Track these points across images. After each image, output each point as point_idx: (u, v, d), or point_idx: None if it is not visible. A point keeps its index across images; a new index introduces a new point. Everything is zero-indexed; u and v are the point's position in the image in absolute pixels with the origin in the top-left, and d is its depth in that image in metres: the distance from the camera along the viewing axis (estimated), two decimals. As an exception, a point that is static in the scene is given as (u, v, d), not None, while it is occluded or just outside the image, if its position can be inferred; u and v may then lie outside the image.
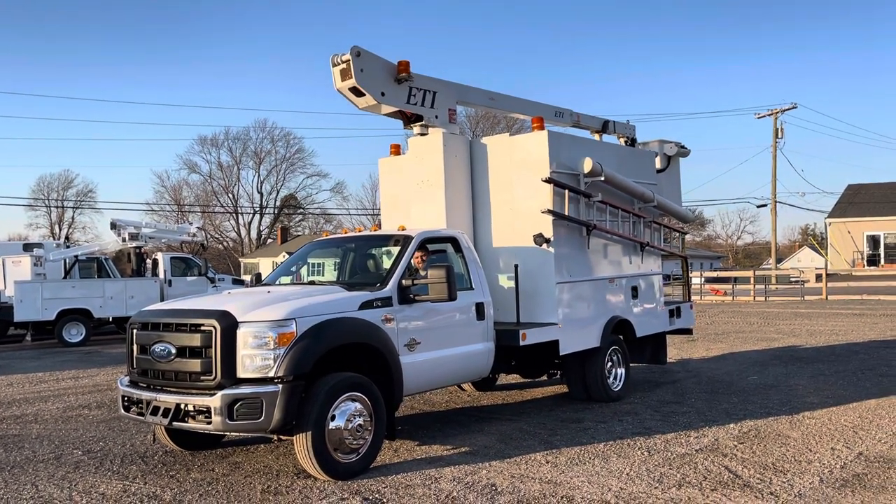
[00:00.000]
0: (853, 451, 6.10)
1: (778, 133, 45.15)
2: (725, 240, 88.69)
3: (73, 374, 12.47)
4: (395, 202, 8.64)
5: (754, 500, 4.91)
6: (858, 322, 18.07)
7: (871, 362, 11.12)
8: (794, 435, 6.66)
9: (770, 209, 46.06)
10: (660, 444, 6.44)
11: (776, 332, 16.25)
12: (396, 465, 5.98)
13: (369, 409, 5.80)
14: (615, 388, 8.51)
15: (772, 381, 9.62)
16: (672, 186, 10.60)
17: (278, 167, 72.15)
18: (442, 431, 7.15)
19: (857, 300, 27.07)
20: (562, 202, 7.85)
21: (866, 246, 45.69)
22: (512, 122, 49.64)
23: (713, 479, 5.38)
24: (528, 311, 7.70)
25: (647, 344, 9.55)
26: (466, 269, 7.15)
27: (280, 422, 5.29)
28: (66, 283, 19.32)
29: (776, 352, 12.72)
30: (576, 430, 7.02)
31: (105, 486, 5.62)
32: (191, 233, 22.58)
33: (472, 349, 6.97)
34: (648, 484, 5.31)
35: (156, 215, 63.29)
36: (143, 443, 7.00)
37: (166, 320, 5.82)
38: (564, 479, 5.47)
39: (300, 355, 5.41)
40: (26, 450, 6.89)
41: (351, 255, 7.54)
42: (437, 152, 7.96)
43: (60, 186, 70.99)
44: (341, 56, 7.53)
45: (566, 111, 9.90)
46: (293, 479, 5.62)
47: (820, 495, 4.99)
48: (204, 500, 5.22)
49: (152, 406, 5.65)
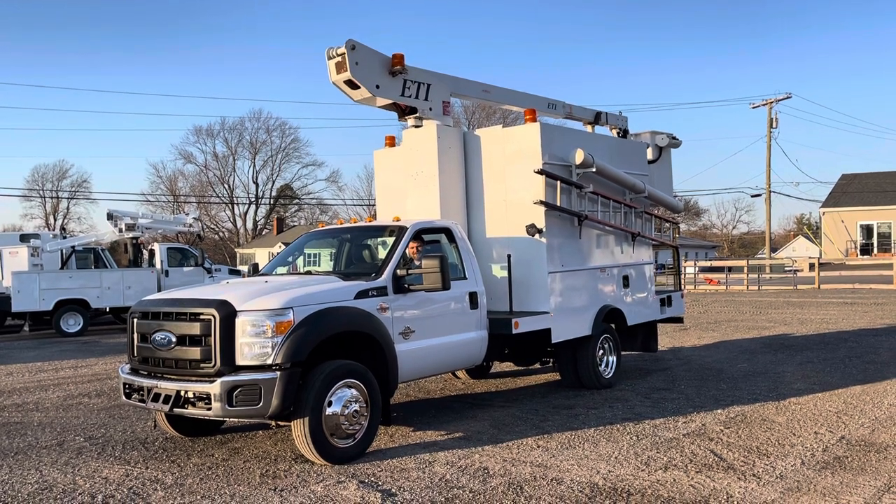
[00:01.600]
0: (836, 434, 6.28)
1: (772, 123, 45.37)
2: (721, 229, 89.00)
3: (71, 364, 12.60)
4: (390, 193, 8.76)
5: (737, 482, 5.08)
6: (849, 311, 18.29)
7: (858, 350, 11.32)
8: (780, 420, 6.84)
9: (765, 199, 46.31)
10: (648, 429, 6.61)
11: (768, 320, 16.45)
12: (392, 449, 6.14)
13: (365, 396, 5.95)
14: (606, 375, 8.68)
15: (761, 368, 9.81)
16: (664, 177, 10.75)
17: (274, 157, 72.14)
18: (436, 417, 7.31)
19: (850, 289, 27.32)
20: (554, 193, 7.99)
21: (860, 235, 45.99)
22: (507, 113, 49.74)
23: (698, 462, 5.55)
24: (521, 300, 7.85)
25: (639, 332, 9.71)
26: (460, 259, 7.29)
27: (278, 408, 5.44)
28: (64, 273, 19.41)
29: (767, 340, 12.91)
30: (567, 416, 7.19)
31: (108, 471, 5.77)
32: (187, 223, 22.66)
33: (466, 337, 7.13)
34: (636, 467, 5.47)
35: (151, 206, 63.34)
36: (144, 429, 7.14)
37: (166, 309, 5.95)
38: (555, 462, 5.63)
39: (297, 343, 5.56)
40: (29, 437, 7.04)
41: (347, 246, 7.67)
42: (432, 144, 8.08)
43: (55, 176, 70.92)
44: (336, 49, 7.64)
45: (559, 103, 10.02)
46: (291, 464, 5.78)
47: (801, 476, 5.16)
48: (204, 483, 5.38)
49: (153, 393, 5.79)
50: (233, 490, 5.20)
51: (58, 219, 68.74)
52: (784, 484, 5.02)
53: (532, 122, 8.09)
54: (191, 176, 71.63)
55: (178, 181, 71.19)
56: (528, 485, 5.12)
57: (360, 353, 6.17)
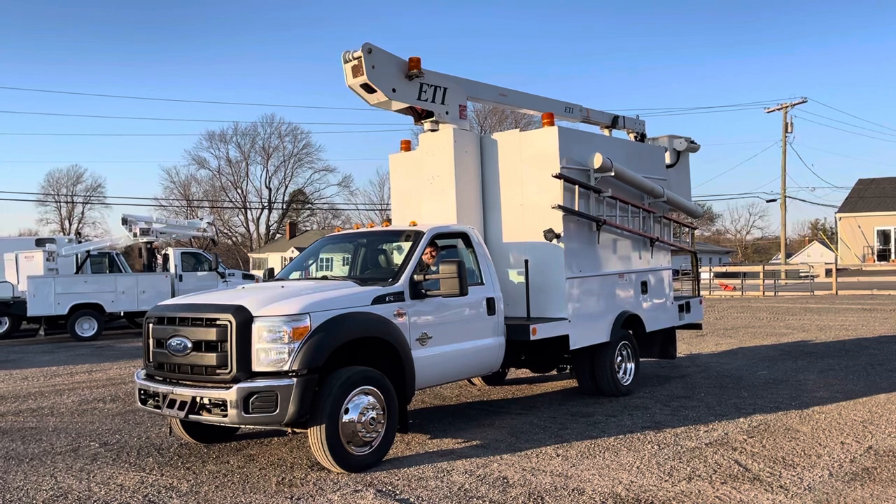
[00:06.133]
0: (863, 445, 6.13)
1: (788, 127, 44.92)
2: (735, 235, 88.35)
3: (86, 368, 12.61)
4: (405, 197, 8.70)
5: (764, 494, 4.95)
6: (868, 317, 18.03)
7: (880, 357, 11.12)
8: (804, 429, 6.69)
9: (780, 204, 45.86)
10: (670, 437, 6.49)
11: (785, 327, 16.24)
12: (409, 457, 6.05)
13: (382, 403, 5.87)
14: (625, 382, 8.55)
15: (781, 376, 9.64)
16: (682, 182, 10.62)
17: (286, 162, 72.45)
18: (453, 425, 7.22)
19: (867, 295, 26.98)
20: (572, 198, 7.89)
21: (877, 241, 45.45)
22: (520, 117, 49.65)
23: (723, 473, 5.43)
24: (539, 306, 7.75)
25: (657, 339, 9.59)
26: (477, 264, 7.20)
27: (294, 415, 5.37)
28: (79, 278, 19.49)
29: (785, 347, 12.72)
30: (586, 424, 7.07)
31: (123, 478, 5.71)
32: (201, 228, 22.71)
33: (483, 344, 7.03)
34: (659, 477, 5.36)
35: (165, 211, 63.67)
36: (159, 435, 7.09)
37: (182, 315, 5.90)
38: (575, 472, 5.53)
39: (314, 349, 5.49)
40: (44, 442, 7.00)
41: (363, 251, 7.60)
42: (448, 148, 8.01)
43: (70, 182, 71.47)
44: (353, 53, 7.59)
45: (576, 107, 9.93)
46: (307, 472, 5.70)
47: (829, 489, 5.03)
48: (220, 491, 5.31)
49: (168, 399, 5.73)
50: (248, 498, 5.13)
51: (73, 223, 69.28)
52: (813, 496, 4.88)
53: (550, 126, 8.00)
54: (204, 181, 72.08)
55: (192, 186, 71.63)
56: (549, 495, 5.02)
57: (376, 360, 6.09)
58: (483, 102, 9.74)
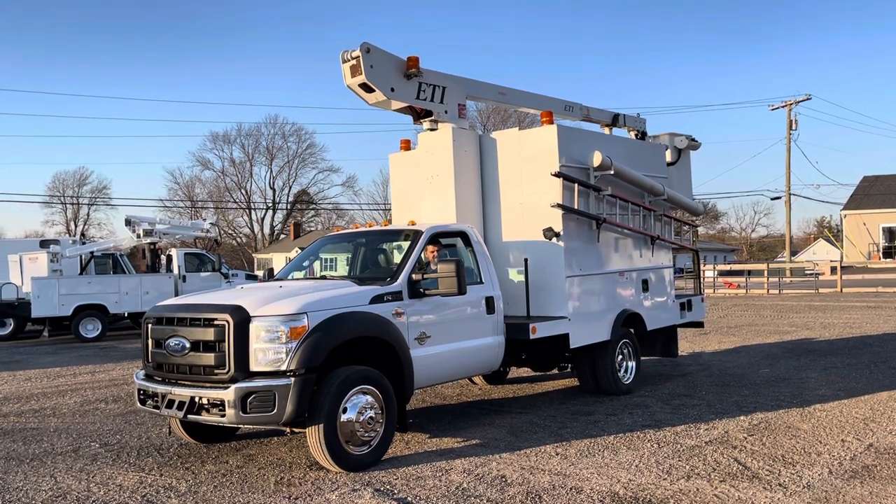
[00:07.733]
0: (863, 442, 6.10)
1: (792, 125, 44.82)
2: (739, 233, 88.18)
3: (89, 369, 12.64)
4: (405, 197, 8.69)
5: (762, 492, 4.93)
6: (873, 315, 17.96)
7: (884, 355, 11.07)
8: (805, 427, 6.67)
9: (784, 201, 45.76)
10: (669, 436, 6.47)
11: (789, 325, 16.19)
12: (407, 457, 6.05)
13: (380, 402, 5.87)
14: (626, 381, 8.54)
15: (783, 373, 9.61)
16: (683, 180, 10.59)
17: (290, 163, 72.51)
18: (453, 424, 7.21)
19: (873, 293, 26.88)
20: (571, 196, 7.87)
21: (882, 238, 45.29)
22: (523, 116, 49.58)
23: (722, 471, 5.41)
24: (539, 304, 7.73)
25: (658, 337, 9.56)
26: (476, 263, 7.19)
27: (292, 414, 5.37)
28: (83, 279, 19.54)
29: (789, 345, 12.68)
30: (586, 423, 7.06)
31: (122, 478, 5.73)
32: (204, 229, 22.76)
33: (483, 343, 7.02)
34: (657, 475, 5.34)
35: (169, 212, 63.83)
36: (159, 435, 7.11)
37: (180, 315, 5.91)
38: (574, 470, 5.51)
39: (312, 349, 5.49)
40: (45, 443, 7.02)
41: (362, 250, 7.60)
42: (447, 147, 8.00)
43: (75, 183, 71.69)
44: (351, 52, 7.59)
45: (576, 105, 9.91)
46: (306, 471, 5.71)
47: (828, 486, 5.01)
48: (219, 491, 5.31)
49: (167, 399, 5.74)
50: (247, 498, 5.14)
51: (78, 225, 69.50)
52: (812, 494, 4.86)
53: (549, 125, 7.99)
54: (208, 182, 72.21)
55: (196, 187, 71.75)
56: (547, 494, 5.01)
57: (375, 359, 6.09)
58: (482, 101, 9.75)
